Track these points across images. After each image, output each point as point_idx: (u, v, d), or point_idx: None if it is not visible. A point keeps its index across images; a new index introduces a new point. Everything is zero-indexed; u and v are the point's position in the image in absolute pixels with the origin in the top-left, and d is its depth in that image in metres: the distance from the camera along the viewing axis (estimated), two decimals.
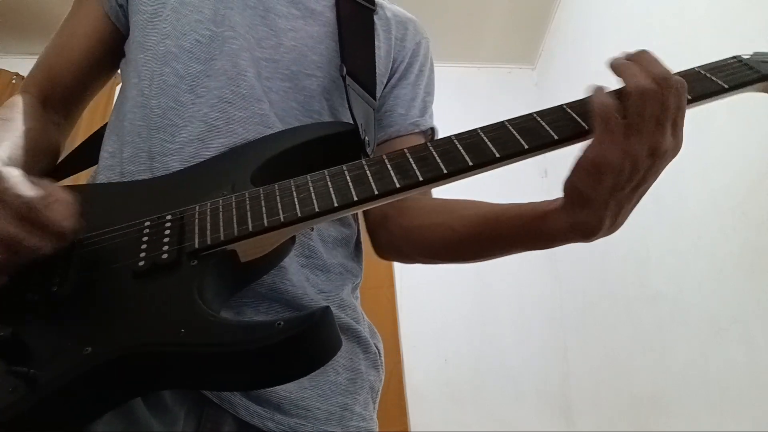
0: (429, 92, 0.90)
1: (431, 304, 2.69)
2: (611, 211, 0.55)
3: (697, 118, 0.53)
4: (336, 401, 0.67)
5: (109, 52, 0.82)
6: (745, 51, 0.64)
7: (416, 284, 2.63)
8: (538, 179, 2.81)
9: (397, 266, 2.57)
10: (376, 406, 0.75)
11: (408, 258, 0.79)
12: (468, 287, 2.72)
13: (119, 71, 0.84)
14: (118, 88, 0.89)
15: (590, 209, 0.55)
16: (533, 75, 3.21)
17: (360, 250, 0.82)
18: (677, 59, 0.60)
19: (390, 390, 2.34)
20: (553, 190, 0.58)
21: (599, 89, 0.55)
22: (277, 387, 0.62)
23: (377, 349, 0.76)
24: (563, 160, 0.58)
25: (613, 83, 0.56)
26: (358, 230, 0.82)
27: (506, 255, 0.67)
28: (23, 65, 2.95)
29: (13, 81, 2.93)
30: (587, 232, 0.57)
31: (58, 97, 0.81)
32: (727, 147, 1.53)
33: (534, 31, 3.03)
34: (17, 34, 2.91)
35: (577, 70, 2.60)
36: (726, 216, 1.52)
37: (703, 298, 1.62)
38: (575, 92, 0.57)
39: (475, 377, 2.61)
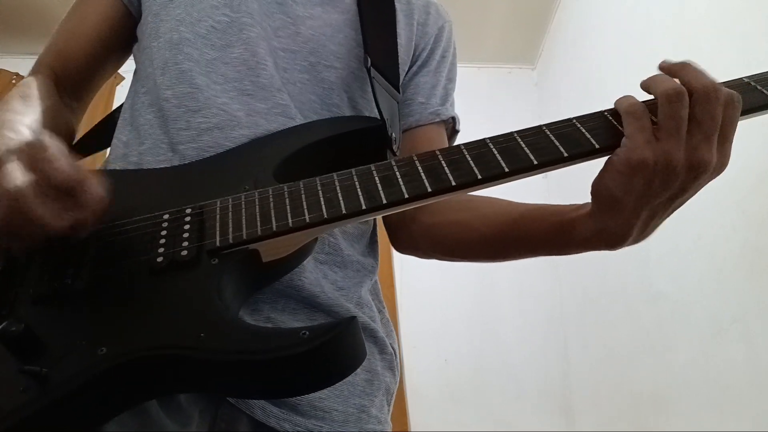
0: (451, 78, 0.87)
1: (431, 304, 2.69)
2: (642, 220, 0.53)
3: None
4: (353, 402, 0.65)
5: (121, 35, 0.80)
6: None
7: (416, 284, 2.63)
8: (538, 179, 2.80)
9: (398, 266, 2.57)
10: (391, 408, 0.73)
11: (425, 254, 0.78)
12: (468, 287, 2.72)
13: (125, 65, 0.83)
14: (118, 88, 0.88)
15: (620, 216, 0.53)
16: (533, 75, 3.21)
17: (375, 243, 0.80)
18: (677, 59, 0.60)
19: None
20: (554, 191, 0.58)
21: (627, 96, 0.53)
22: None
23: (393, 349, 0.75)
24: None
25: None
26: (375, 224, 0.81)
27: (525, 257, 0.66)
28: (23, 65, 2.94)
29: (13, 81, 2.93)
30: (613, 241, 0.55)
31: (70, 80, 0.80)
32: None
33: (534, 31, 3.02)
34: (17, 34, 2.91)
35: (577, 70, 2.60)
36: (726, 215, 1.52)
37: (704, 298, 1.62)
38: (575, 92, 0.57)
39: (475, 377, 2.61)
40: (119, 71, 0.88)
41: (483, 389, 2.60)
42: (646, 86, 0.54)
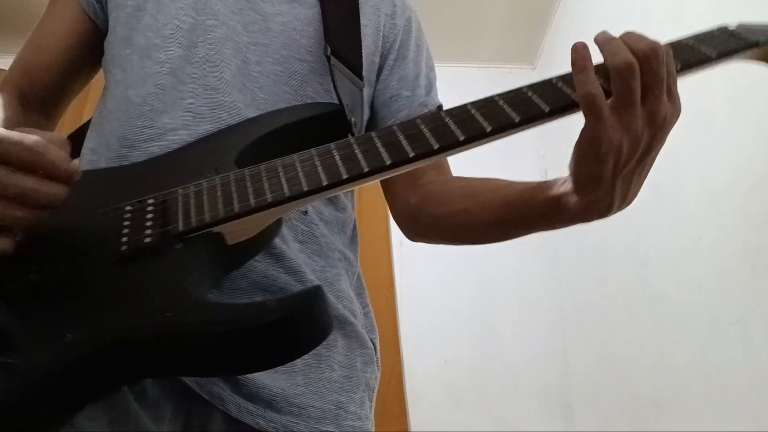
0: (431, 67, 0.88)
1: (431, 304, 2.69)
2: (620, 189, 0.55)
3: (698, 117, 0.53)
4: (331, 399, 0.65)
5: (88, 49, 0.80)
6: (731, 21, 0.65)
7: (416, 284, 2.62)
8: (538, 179, 2.80)
9: (397, 267, 2.57)
10: (373, 404, 0.73)
11: (436, 241, 0.80)
12: (468, 287, 2.72)
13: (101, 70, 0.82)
14: None
15: (599, 190, 0.55)
16: (533, 75, 3.20)
17: (356, 238, 0.80)
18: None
19: (390, 390, 2.34)
20: None
21: (583, 75, 0.54)
22: (269, 383, 0.61)
23: (374, 345, 0.75)
24: (563, 160, 0.58)
25: None
26: (354, 222, 0.81)
27: (527, 234, 0.68)
28: None
29: None
30: (601, 212, 0.57)
31: (36, 97, 0.79)
32: (727, 146, 1.53)
33: (534, 31, 3.02)
34: (17, 34, 2.91)
35: None
36: (726, 216, 1.52)
37: (703, 298, 1.62)
38: None
39: (475, 377, 2.61)
40: None
41: (483, 389, 2.60)
42: (600, 50, 0.56)
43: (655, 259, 1.90)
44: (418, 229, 0.79)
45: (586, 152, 0.53)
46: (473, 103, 0.58)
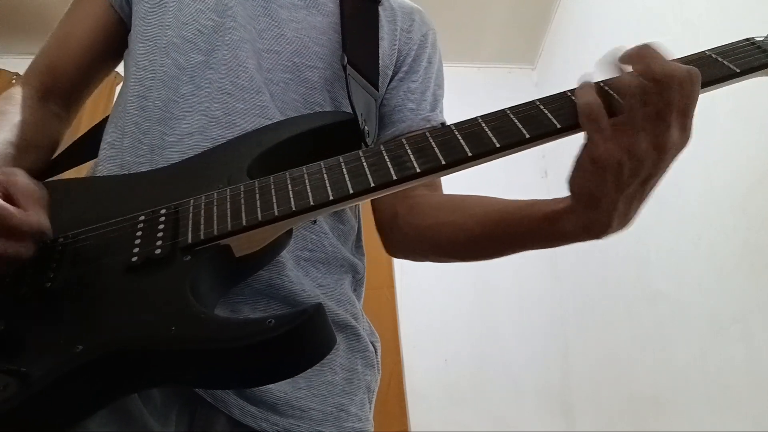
0: (439, 85, 0.88)
1: (431, 304, 2.69)
2: (620, 209, 0.54)
3: (698, 117, 0.53)
4: (332, 401, 0.66)
5: (112, 43, 0.81)
6: (759, 34, 0.61)
7: (416, 285, 2.63)
8: (538, 179, 2.81)
9: (398, 267, 2.57)
10: (372, 406, 0.73)
11: (419, 256, 0.78)
12: (468, 287, 2.72)
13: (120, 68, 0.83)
14: (118, 88, 0.88)
15: (598, 209, 0.54)
16: (533, 75, 3.20)
17: (360, 245, 0.80)
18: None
19: (390, 390, 2.34)
20: (553, 190, 0.58)
21: (585, 87, 0.55)
22: (272, 387, 0.62)
23: (374, 348, 0.75)
24: (563, 160, 0.58)
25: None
26: (359, 227, 0.81)
27: (516, 252, 0.66)
28: (23, 65, 2.90)
29: (13, 81, 2.93)
30: (598, 232, 0.56)
31: (59, 88, 0.80)
32: (727, 146, 1.53)
33: (534, 31, 3.02)
34: (17, 34, 2.91)
35: (577, 70, 2.58)
36: (726, 215, 1.52)
37: (704, 298, 1.62)
38: None
39: (475, 377, 2.61)
40: (119, 72, 0.88)
41: (483, 389, 2.60)
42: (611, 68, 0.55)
43: (656, 258, 1.90)
44: (402, 242, 0.77)
45: (584, 165, 0.53)
46: (483, 117, 0.56)
